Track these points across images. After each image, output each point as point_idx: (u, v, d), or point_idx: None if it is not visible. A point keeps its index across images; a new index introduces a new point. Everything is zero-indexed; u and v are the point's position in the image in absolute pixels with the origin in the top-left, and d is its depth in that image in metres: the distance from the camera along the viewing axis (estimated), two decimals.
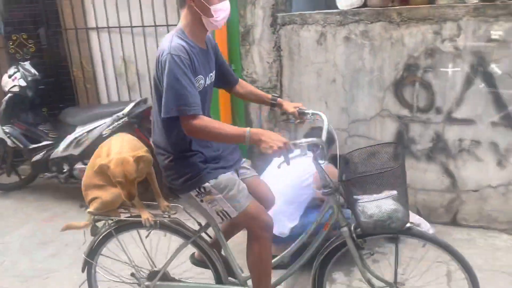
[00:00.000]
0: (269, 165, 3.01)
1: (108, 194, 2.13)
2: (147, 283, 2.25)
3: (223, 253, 2.23)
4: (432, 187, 3.33)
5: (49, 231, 3.57)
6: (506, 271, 2.68)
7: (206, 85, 1.95)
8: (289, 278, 2.26)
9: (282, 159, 1.75)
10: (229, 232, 2.33)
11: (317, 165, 1.94)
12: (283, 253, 2.18)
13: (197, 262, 2.37)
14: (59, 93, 4.67)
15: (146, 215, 2.10)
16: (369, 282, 2.03)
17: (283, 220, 2.71)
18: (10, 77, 4.06)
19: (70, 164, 3.90)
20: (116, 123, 3.68)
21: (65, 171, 3.92)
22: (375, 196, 1.82)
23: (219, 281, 2.22)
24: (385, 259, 2.06)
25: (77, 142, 3.80)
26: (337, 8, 3.34)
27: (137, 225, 2.18)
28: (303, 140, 1.83)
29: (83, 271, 2.31)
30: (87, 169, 2.24)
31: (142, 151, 2.06)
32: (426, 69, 3.15)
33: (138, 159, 1.99)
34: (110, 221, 2.19)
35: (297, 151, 1.96)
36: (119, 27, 4.20)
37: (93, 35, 4.38)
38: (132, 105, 3.72)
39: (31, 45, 4.66)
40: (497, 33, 2.93)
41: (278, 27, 3.48)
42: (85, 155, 3.81)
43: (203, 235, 2.20)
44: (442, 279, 2.34)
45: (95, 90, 4.51)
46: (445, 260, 2.07)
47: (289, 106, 2.24)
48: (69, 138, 3.84)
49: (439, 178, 3.30)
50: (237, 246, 2.43)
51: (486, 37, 2.95)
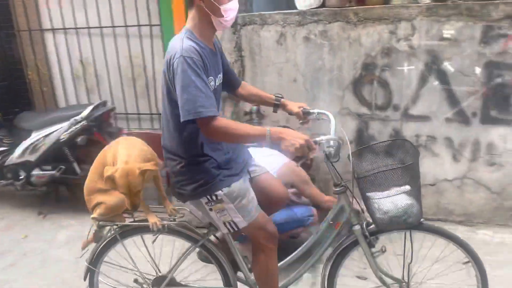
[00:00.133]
0: None
1: (113, 198, 2.04)
2: None
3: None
4: None
5: (6, 241, 3.42)
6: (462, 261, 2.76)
7: (216, 86, 1.90)
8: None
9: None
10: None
11: (328, 163, 1.91)
12: (287, 259, 2.16)
13: (204, 258, 2.27)
14: (13, 97, 4.47)
15: (153, 219, 2.02)
16: (380, 279, 2.03)
17: None
18: None
19: (26, 170, 3.75)
20: (74, 127, 3.56)
21: (21, 178, 3.77)
22: (389, 192, 1.83)
23: (227, 283, 2.17)
24: (393, 255, 2.04)
25: (34, 147, 3.66)
26: (296, 8, 3.38)
27: (143, 229, 2.10)
28: (323, 137, 1.81)
29: (85, 279, 2.20)
30: (91, 172, 2.12)
31: (150, 164, 1.93)
32: (383, 67, 3.23)
33: (144, 172, 1.89)
34: (114, 226, 2.09)
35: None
36: (76, 28, 4.08)
37: (49, 37, 4.23)
38: (90, 108, 3.62)
39: None
40: (448, 32, 3.05)
41: (238, 27, 3.48)
42: (42, 161, 3.68)
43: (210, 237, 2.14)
44: (449, 271, 2.32)
45: (52, 93, 4.36)
46: (451, 252, 2.08)
47: (294, 106, 2.19)
48: (25, 143, 3.69)
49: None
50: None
51: (438, 36, 3.06)
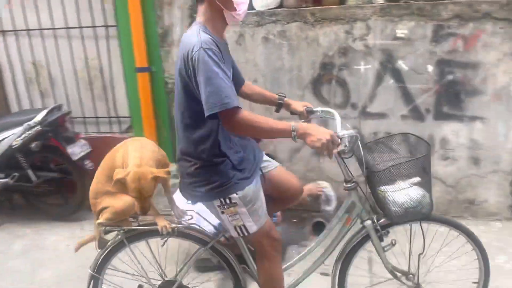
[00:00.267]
0: None
1: (120, 202, 1.95)
2: None
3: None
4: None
5: None
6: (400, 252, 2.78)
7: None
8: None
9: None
10: None
11: (339, 159, 1.91)
12: (294, 260, 2.15)
13: (203, 268, 2.19)
14: None
15: (163, 222, 1.95)
16: (392, 272, 2.07)
17: (211, 219, 2.66)
18: None
19: None
20: (27, 133, 3.42)
21: None
22: (402, 184, 1.85)
23: (237, 285, 2.12)
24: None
25: None
26: (254, 9, 3.38)
27: (150, 233, 2.02)
28: (345, 132, 1.78)
29: (88, 287, 2.11)
30: (98, 174, 2.02)
31: (163, 171, 1.84)
32: (340, 67, 3.29)
33: (156, 178, 1.81)
34: (121, 231, 2.00)
35: None
36: (27, 30, 3.92)
37: None
38: (45, 112, 3.48)
39: None
40: (402, 31, 3.14)
41: None
42: None
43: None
44: (454, 260, 2.36)
45: (3, 97, 4.16)
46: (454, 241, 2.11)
47: (298, 105, 2.18)
48: None
49: (358, 170, 3.45)
50: None
51: (392, 35, 3.15)
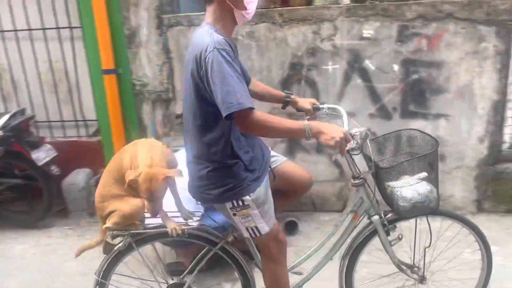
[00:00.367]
0: None
1: (128, 206, 1.90)
2: None
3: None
4: (323, 178, 3.53)
5: None
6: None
7: None
8: None
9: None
10: None
11: (348, 155, 1.90)
12: (302, 258, 2.15)
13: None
14: None
15: (172, 225, 1.92)
16: (398, 266, 2.09)
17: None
18: None
19: None
20: None
21: None
22: (409, 180, 1.87)
23: (246, 285, 2.10)
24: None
25: None
26: None
27: (159, 236, 1.99)
28: (356, 129, 1.78)
29: None
30: (104, 177, 1.97)
31: (175, 171, 1.82)
32: (309, 67, 3.32)
33: (168, 179, 1.79)
34: (129, 235, 1.95)
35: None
36: None
37: None
38: (7, 117, 3.36)
39: None
40: (368, 32, 3.20)
41: (164, 28, 3.41)
42: None
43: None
44: (458, 253, 2.40)
45: None
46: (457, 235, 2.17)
47: (305, 102, 2.19)
48: None
49: (328, 169, 3.51)
50: None
51: (359, 35, 3.21)
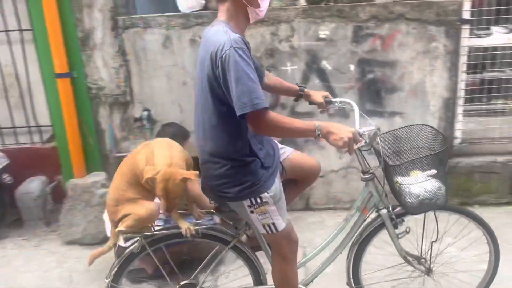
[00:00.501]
0: None
1: (143, 209, 1.88)
2: None
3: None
4: None
5: None
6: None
7: None
8: None
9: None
10: None
11: (358, 151, 1.92)
12: (311, 254, 2.16)
13: None
14: None
15: (186, 225, 1.90)
16: (405, 258, 2.13)
17: None
18: None
19: None
20: None
21: None
22: (419, 177, 1.90)
23: (258, 282, 2.13)
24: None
25: None
26: (180, 11, 3.34)
27: (171, 237, 1.98)
28: (365, 128, 1.81)
29: None
30: (117, 180, 1.94)
31: (193, 174, 1.79)
32: (268, 68, 3.34)
33: (185, 180, 1.77)
34: (142, 237, 1.94)
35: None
36: None
37: None
38: None
39: None
40: (324, 32, 3.25)
41: (120, 30, 3.33)
42: None
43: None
44: (464, 246, 2.47)
45: None
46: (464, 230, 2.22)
47: (318, 96, 2.22)
48: None
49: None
50: None
51: (315, 36, 3.26)
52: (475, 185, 3.52)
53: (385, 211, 2.03)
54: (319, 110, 2.25)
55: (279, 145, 2.12)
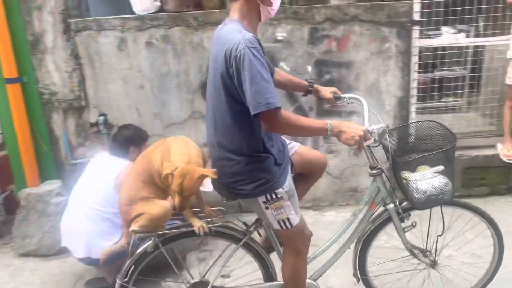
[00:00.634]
0: (77, 182, 2.77)
1: (157, 208, 1.89)
2: None
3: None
4: None
5: None
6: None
7: None
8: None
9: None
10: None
11: (367, 148, 1.95)
12: (320, 249, 2.18)
13: None
14: None
15: (199, 223, 1.90)
16: (411, 251, 2.18)
17: (98, 241, 2.52)
18: None
19: None
20: None
21: None
22: (426, 173, 1.94)
23: (269, 278, 2.14)
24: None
25: None
26: (134, 13, 3.28)
27: (184, 235, 1.99)
28: (374, 126, 1.83)
29: None
30: (131, 180, 1.96)
31: (211, 172, 1.79)
32: None
33: (203, 177, 1.78)
34: (155, 236, 1.92)
35: None
36: None
37: None
38: None
39: None
40: (281, 34, 3.29)
41: (72, 33, 3.23)
42: None
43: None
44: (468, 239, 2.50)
45: None
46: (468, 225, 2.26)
47: (326, 92, 2.23)
48: None
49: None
50: None
51: (273, 38, 3.28)
52: None
53: (392, 206, 2.07)
54: (328, 106, 2.29)
55: (287, 141, 2.15)
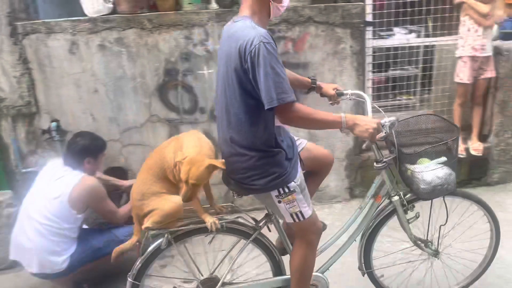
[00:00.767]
0: (29, 192, 2.65)
1: (169, 203, 1.90)
2: None
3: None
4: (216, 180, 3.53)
5: None
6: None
7: None
8: None
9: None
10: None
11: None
12: (327, 243, 2.20)
13: None
14: None
15: (211, 219, 1.92)
16: (414, 242, 2.23)
17: (51, 257, 2.43)
18: None
19: None
20: None
21: None
22: (430, 164, 2.00)
23: (278, 273, 2.16)
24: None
25: None
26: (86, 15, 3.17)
27: (197, 231, 1.99)
28: (386, 119, 1.89)
29: None
30: (143, 174, 1.97)
31: (220, 162, 1.82)
32: (184, 72, 3.30)
33: (213, 168, 1.79)
34: (168, 233, 1.92)
35: None
36: None
37: None
38: None
39: None
40: None
41: (20, 37, 3.09)
42: None
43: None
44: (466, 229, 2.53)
45: None
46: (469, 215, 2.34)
47: (329, 88, 2.27)
48: None
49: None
50: None
51: None
52: None
53: (396, 198, 2.12)
54: (330, 102, 2.31)
55: (295, 137, 2.18)
